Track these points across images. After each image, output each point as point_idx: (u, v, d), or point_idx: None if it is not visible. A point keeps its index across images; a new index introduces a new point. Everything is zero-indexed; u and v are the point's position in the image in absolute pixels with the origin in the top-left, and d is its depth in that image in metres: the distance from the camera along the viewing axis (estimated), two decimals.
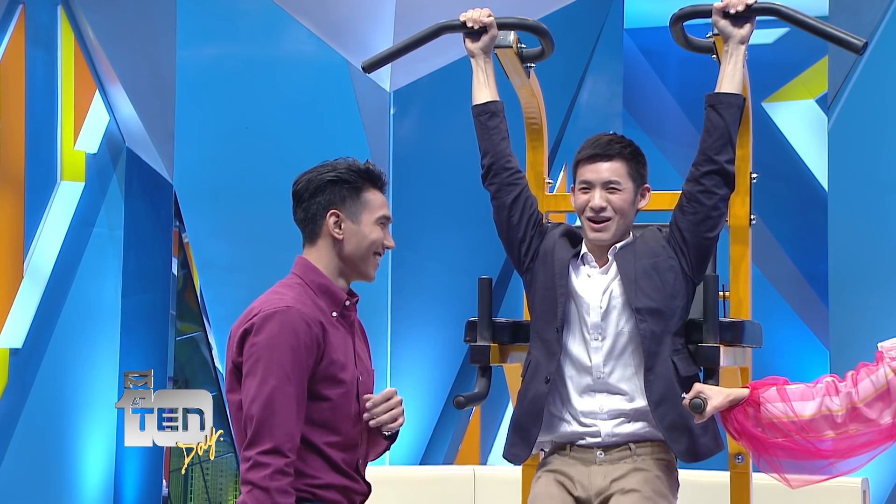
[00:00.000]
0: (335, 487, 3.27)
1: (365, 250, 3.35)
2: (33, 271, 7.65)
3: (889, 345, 3.36)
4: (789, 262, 7.89)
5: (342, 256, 3.36)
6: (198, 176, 7.72)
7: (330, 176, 3.33)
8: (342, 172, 3.34)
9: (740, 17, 3.77)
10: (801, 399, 3.44)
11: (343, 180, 3.33)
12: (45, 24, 7.81)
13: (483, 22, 3.95)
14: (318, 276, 3.34)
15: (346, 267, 3.37)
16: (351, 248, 3.35)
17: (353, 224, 3.34)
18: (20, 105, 7.60)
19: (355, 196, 3.34)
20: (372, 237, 3.35)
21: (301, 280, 3.36)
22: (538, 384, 3.77)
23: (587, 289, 3.78)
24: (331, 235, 3.34)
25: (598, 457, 3.74)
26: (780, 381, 3.49)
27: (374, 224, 3.35)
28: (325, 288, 3.33)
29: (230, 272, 7.74)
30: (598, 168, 3.78)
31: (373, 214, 3.35)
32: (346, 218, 3.34)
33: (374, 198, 3.36)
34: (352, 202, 3.34)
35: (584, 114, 8.19)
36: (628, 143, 3.81)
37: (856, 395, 3.38)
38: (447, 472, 7.22)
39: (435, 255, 7.57)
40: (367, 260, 3.37)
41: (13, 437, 7.53)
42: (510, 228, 3.89)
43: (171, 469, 8.17)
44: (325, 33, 7.72)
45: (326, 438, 3.26)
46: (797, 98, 8.06)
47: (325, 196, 3.33)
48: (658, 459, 3.73)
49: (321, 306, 3.31)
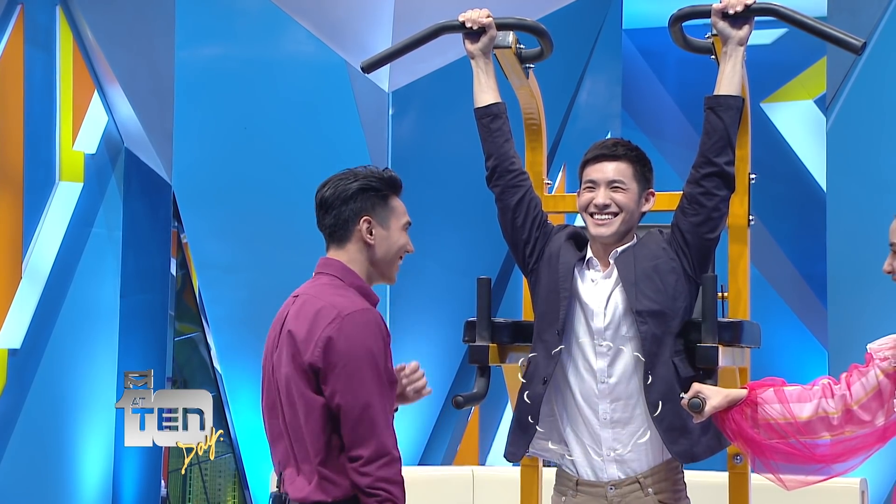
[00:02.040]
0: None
1: (394, 255, 3.51)
2: (32, 272, 7.64)
3: (877, 346, 3.38)
4: (788, 262, 7.90)
5: (372, 261, 3.49)
6: (196, 176, 7.72)
7: (360, 184, 3.47)
8: (372, 181, 3.48)
9: (739, 17, 3.77)
10: (798, 401, 3.44)
11: (373, 188, 3.48)
12: (43, 24, 7.80)
13: (482, 22, 3.95)
14: (355, 279, 3.46)
15: (374, 270, 3.50)
16: (381, 253, 3.49)
17: (384, 230, 3.49)
18: (18, 105, 7.60)
19: (384, 203, 3.49)
20: (400, 242, 3.52)
21: (341, 282, 3.45)
22: (536, 385, 3.78)
23: (592, 294, 3.78)
24: (363, 240, 3.46)
25: (608, 492, 3.74)
26: (777, 382, 3.49)
27: (401, 230, 3.52)
28: (363, 290, 3.46)
29: (229, 272, 7.74)
30: (604, 168, 3.79)
31: (399, 220, 3.52)
32: (377, 224, 3.48)
33: (399, 204, 3.53)
34: (381, 209, 3.48)
35: (582, 114, 8.20)
36: (634, 147, 3.83)
37: (849, 397, 3.39)
38: (446, 473, 7.23)
39: (434, 255, 7.57)
40: (394, 263, 3.53)
41: (12, 437, 7.52)
42: (515, 230, 3.89)
43: (170, 469, 8.17)
44: (323, 34, 7.72)
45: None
46: (796, 98, 8.08)
47: (357, 203, 3.46)
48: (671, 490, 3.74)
49: None
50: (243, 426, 7.69)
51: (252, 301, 7.57)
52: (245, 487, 7.80)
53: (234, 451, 7.79)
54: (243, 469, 7.76)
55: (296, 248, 7.52)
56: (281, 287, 4.16)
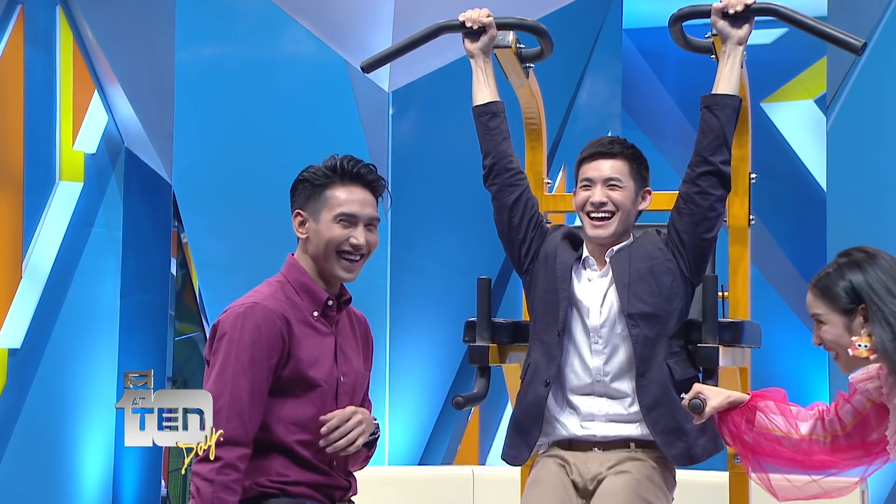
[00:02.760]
0: (306, 484, 3.27)
1: (324, 250, 3.33)
2: (32, 271, 7.64)
3: (860, 377, 3.38)
4: (788, 262, 7.89)
5: (312, 256, 3.36)
6: (197, 176, 7.72)
7: (299, 177, 3.36)
8: (310, 173, 3.35)
9: (739, 17, 3.77)
10: (796, 417, 3.45)
11: (306, 180, 3.34)
12: (43, 24, 7.80)
13: (482, 22, 3.95)
14: (300, 275, 3.34)
15: (318, 267, 3.36)
16: (313, 248, 3.35)
17: (314, 223, 3.33)
18: (19, 105, 7.60)
19: (317, 195, 3.33)
20: (328, 235, 3.32)
21: (284, 278, 3.37)
22: (538, 387, 3.77)
23: (587, 293, 3.78)
24: (299, 236, 3.36)
25: (596, 451, 3.74)
26: (780, 396, 3.50)
27: (331, 222, 3.32)
28: (305, 286, 3.33)
29: (229, 272, 7.73)
30: (600, 166, 3.79)
31: (331, 212, 3.32)
32: (309, 217, 3.33)
33: (338, 194, 3.33)
34: (314, 201, 3.33)
35: (582, 114, 8.19)
36: (630, 145, 3.83)
37: (837, 424, 3.40)
38: (446, 473, 7.23)
39: (434, 255, 7.57)
40: (330, 259, 3.33)
41: (12, 437, 7.52)
42: (511, 229, 3.89)
43: (170, 469, 8.17)
44: (323, 33, 7.72)
45: (298, 437, 3.26)
46: (796, 98, 8.07)
47: (294, 197, 3.37)
48: (657, 457, 3.74)
49: (299, 304, 3.31)
50: None
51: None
52: None
53: None
54: None
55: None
56: None
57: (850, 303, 3.20)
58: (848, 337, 3.23)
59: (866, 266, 3.20)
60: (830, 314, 3.24)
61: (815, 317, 3.27)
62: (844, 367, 3.30)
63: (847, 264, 3.22)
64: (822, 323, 3.26)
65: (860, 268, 3.20)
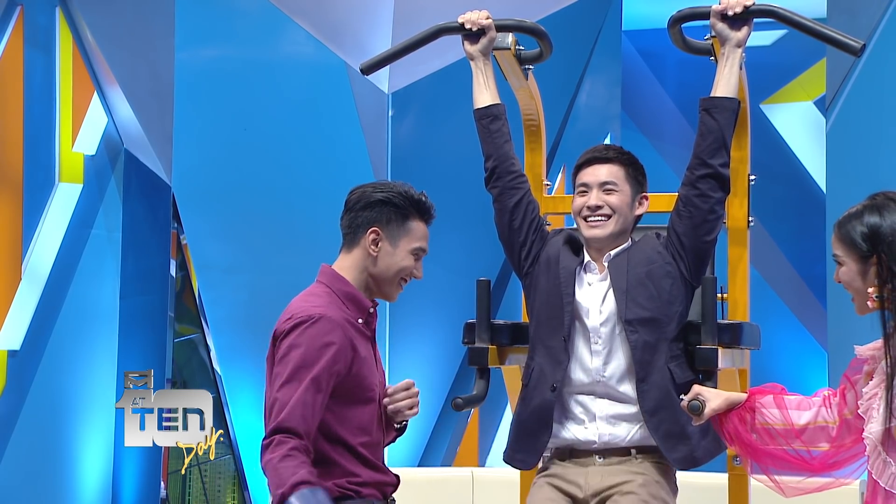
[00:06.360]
0: (372, 484, 3.42)
1: (393, 274, 3.49)
2: (31, 273, 7.64)
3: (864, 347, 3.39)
4: (787, 263, 7.90)
5: (371, 272, 3.48)
6: (196, 178, 7.72)
7: (382, 195, 3.46)
8: (395, 195, 3.47)
9: (738, 19, 3.77)
10: (797, 408, 3.45)
11: (393, 203, 3.46)
12: (43, 25, 7.80)
13: (481, 24, 3.95)
14: (344, 285, 3.46)
15: (371, 282, 3.49)
16: (381, 268, 3.48)
17: (390, 246, 3.47)
18: (18, 107, 7.59)
19: (401, 221, 3.47)
20: (402, 264, 3.49)
21: (328, 289, 3.46)
22: (544, 391, 3.76)
23: (587, 296, 3.78)
24: (366, 250, 3.46)
25: (596, 461, 3.74)
26: (778, 389, 3.50)
27: (409, 252, 3.49)
28: (350, 296, 3.45)
29: (228, 274, 7.74)
30: (596, 171, 3.80)
31: (411, 243, 3.49)
32: (385, 238, 3.46)
33: (418, 228, 3.49)
34: (395, 226, 3.47)
35: (582, 116, 8.20)
36: (626, 152, 3.85)
37: (844, 406, 3.39)
38: (445, 474, 7.23)
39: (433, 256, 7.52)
40: (392, 283, 3.51)
41: (11, 438, 7.51)
42: (511, 232, 3.89)
43: (170, 471, 8.17)
44: (323, 35, 7.72)
45: (361, 439, 3.40)
46: (795, 100, 8.08)
47: (373, 212, 3.46)
48: (657, 463, 3.73)
49: (348, 314, 3.43)
50: (243, 427, 7.69)
51: (252, 302, 7.57)
52: (245, 489, 7.80)
53: (234, 453, 7.79)
54: (243, 470, 7.76)
55: (296, 250, 7.53)
56: (281, 288, 4.17)
57: (867, 250, 3.23)
58: (860, 282, 3.27)
59: (885, 213, 3.24)
60: (847, 258, 3.30)
61: (835, 257, 3.32)
62: (858, 309, 3.32)
63: (869, 208, 3.28)
64: (840, 264, 3.30)
65: (880, 214, 3.24)
